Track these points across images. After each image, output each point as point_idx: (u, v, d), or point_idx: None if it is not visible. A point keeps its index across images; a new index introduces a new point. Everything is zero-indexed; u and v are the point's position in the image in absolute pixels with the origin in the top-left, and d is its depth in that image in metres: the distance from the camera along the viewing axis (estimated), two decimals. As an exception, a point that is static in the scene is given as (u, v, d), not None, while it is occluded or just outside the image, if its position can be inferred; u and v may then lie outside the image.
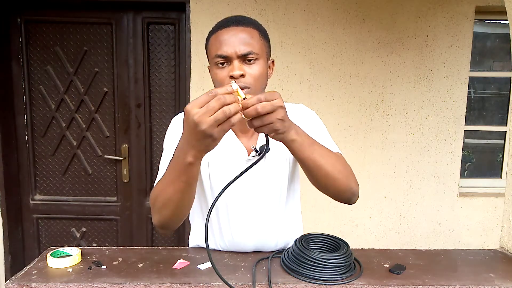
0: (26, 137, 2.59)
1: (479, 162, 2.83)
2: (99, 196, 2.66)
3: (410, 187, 2.55)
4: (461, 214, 2.58)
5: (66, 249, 1.04)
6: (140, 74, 2.52)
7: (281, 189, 1.11)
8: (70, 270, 0.96)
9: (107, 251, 1.09)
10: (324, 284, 0.90)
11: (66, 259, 0.99)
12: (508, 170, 1.24)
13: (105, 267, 0.98)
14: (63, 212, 2.64)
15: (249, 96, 0.74)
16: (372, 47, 2.41)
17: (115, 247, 1.11)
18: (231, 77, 0.93)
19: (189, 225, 1.21)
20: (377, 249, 1.13)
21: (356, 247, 1.10)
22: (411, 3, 2.38)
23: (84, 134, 2.59)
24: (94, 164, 2.63)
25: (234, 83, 0.73)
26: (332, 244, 1.01)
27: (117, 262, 1.01)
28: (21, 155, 2.60)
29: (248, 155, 1.06)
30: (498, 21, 2.64)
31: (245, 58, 0.95)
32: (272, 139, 0.82)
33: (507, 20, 1.40)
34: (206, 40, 1.03)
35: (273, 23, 2.36)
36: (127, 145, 2.59)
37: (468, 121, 2.59)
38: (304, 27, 2.38)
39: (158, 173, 1.02)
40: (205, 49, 1.04)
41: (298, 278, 0.92)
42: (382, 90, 2.45)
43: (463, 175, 2.68)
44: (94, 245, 2.69)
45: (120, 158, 2.60)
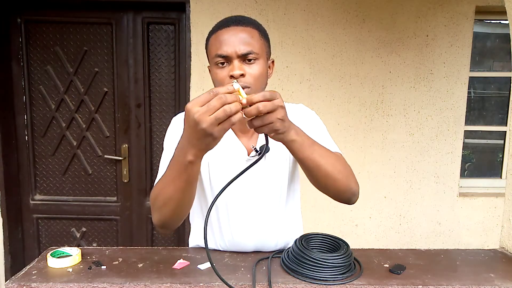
0: (26, 137, 2.59)
1: (479, 162, 2.83)
2: (99, 196, 2.66)
3: (410, 187, 2.55)
4: (461, 214, 2.58)
5: (66, 249, 1.04)
6: (140, 74, 2.52)
7: (281, 189, 1.11)
8: (70, 270, 0.96)
9: (107, 251, 1.09)
10: (324, 284, 0.90)
11: (66, 259, 0.99)
12: (508, 170, 1.24)
13: (105, 267, 0.98)
14: (63, 212, 2.64)
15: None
16: (372, 47, 2.41)
17: (115, 247, 1.11)
18: (231, 76, 0.93)
19: (189, 225, 1.22)
20: (377, 249, 1.13)
21: (356, 247, 1.10)
22: (411, 3, 2.38)
23: (84, 134, 2.59)
24: (94, 164, 2.63)
25: (236, 83, 0.73)
26: (332, 244, 1.01)
27: (117, 262, 1.01)
28: (21, 155, 2.60)
29: (248, 155, 1.06)
30: (498, 21, 2.64)
31: (245, 58, 0.95)
32: (272, 139, 0.83)
33: (507, 20, 1.40)
34: (206, 40, 1.03)
35: (273, 23, 2.36)
36: (127, 145, 2.59)
37: (468, 121, 2.59)
38: (304, 27, 2.38)
39: (158, 172, 1.02)
40: (205, 49, 1.04)
41: (298, 278, 0.92)
42: (382, 90, 2.45)
43: (463, 175, 2.68)
44: (94, 245, 2.69)
45: (120, 158, 2.60)
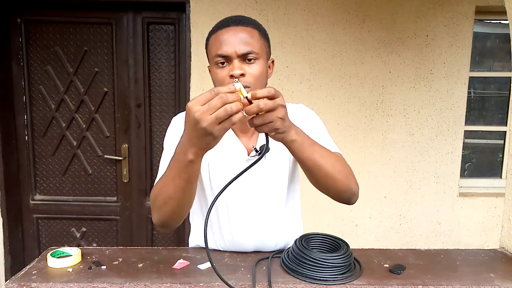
0: (26, 137, 2.59)
1: (479, 162, 2.83)
2: (99, 196, 2.66)
3: (410, 187, 2.55)
4: (461, 214, 2.58)
5: (66, 249, 1.04)
6: (140, 74, 2.52)
7: (281, 189, 1.11)
8: (70, 270, 0.96)
9: (107, 251, 1.09)
10: (324, 284, 0.90)
11: (66, 259, 0.99)
12: (508, 170, 1.24)
13: (105, 267, 0.98)
14: (63, 212, 2.64)
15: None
16: (372, 47, 2.41)
17: (115, 247, 1.11)
18: (231, 76, 0.93)
19: (189, 225, 1.22)
20: (377, 249, 1.13)
21: (356, 247, 1.10)
22: (411, 3, 2.38)
23: (84, 134, 2.59)
24: (94, 164, 2.63)
25: (238, 83, 0.73)
26: (332, 244, 1.01)
27: (117, 262, 1.01)
28: (21, 155, 2.60)
29: (248, 155, 1.06)
30: (498, 21, 2.64)
31: (245, 58, 0.95)
32: (272, 139, 0.83)
33: (507, 20, 1.40)
34: (206, 40, 1.03)
35: (273, 23, 2.36)
36: (127, 145, 2.59)
37: (468, 121, 2.59)
38: (304, 27, 2.38)
39: (158, 172, 1.02)
40: (205, 49, 1.04)
41: (298, 278, 0.92)
42: (382, 90, 2.45)
43: (463, 175, 2.68)
44: (94, 245, 2.69)
45: (120, 158, 2.60)
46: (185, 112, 0.75)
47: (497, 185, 2.66)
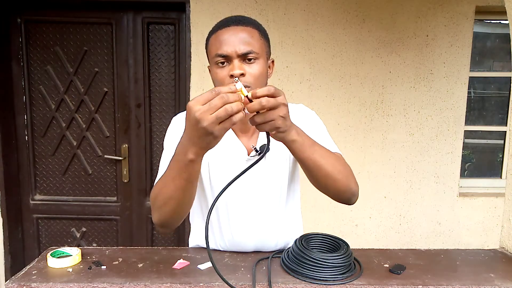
0: (26, 137, 2.59)
1: (479, 162, 2.83)
2: (99, 196, 2.66)
3: (410, 187, 2.55)
4: (461, 214, 2.58)
5: (66, 249, 1.04)
6: (140, 74, 2.52)
7: (281, 189, 1.11)
8: (70, 270, 0.96)
9: (107, 251, 1.09)
10: (324, 284, 0.90)
11: (66, 259, 0.99)
12: (508, 170, 1.24)
13: (105, 267, 0.98)
14: (63, 212, 2.64)
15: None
16: (372, 47, 2.41)
17: (115, 247, 1.11)
18: (231, 76, 0.93)
19: (189, 225, 1.21)
20: (377, 249, 1.13)
21: (356, 247, 1.10)
22: (411, 3, 2.38)
23: (84, 134, 2.59)
24: (94, 164, 2.63)
25: (239, 82, 0.73)
26: (332, 244, 1.01)
27: (117, 262, 1.01)
28: (21, 155, 2.60)
29: (248, 154, 1.06)
30: (498, 21, 2.64)
31: (245, 58, 0.95)
32: (273, 138, 0.82)
33: (507, 20, 1.40)
34: (206, 40, 1.03)
35: (273, 23, 2.36)
36: (127, 145, 2.59)
37: (468, 121, 2.59)
38: (304, 27, 2.38)
39: (159, 172, 1.02)
40: (205, 49, 1.04)
41: (298, 278, 0.92)
42: (382, 90, 2.45)
43: (463, 175, 2.68)
44: (94, 245, 2.69)
45: (120, 158, 2.60)
46: (185, 112, 0.75)
47: (497, 185, 2.66)
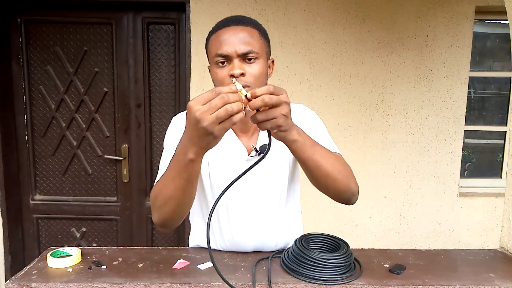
0: (26, 137, 2.59)
1: (479, 162, 2.83)
2: (99, 196, 2.66)
3: (410, 187, 2.55)
4: (461, 214, 2.58)
5: (66, 249, 1.04)
6: (140, 74, 2.52)
7: (281, 189, 1.11)
8: (70, 270, 0.96)
9: (107, 251, 1.09)
10: (324, 284, 0.90)
11: (66, 259, 0.99)
12: (508, 170, 1.24)
13: (105, 267, 0.98)
14: (63, 212, 2.64)
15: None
16: (372, 47, 2.41)
17: (115, 247, 1.11)
18: (231, 76, 0.93)
19: (189, 225, 1.21)
20: (377, 249, 1.13)
21: (356, 247, 1.10)
22: (411, 3, 2.38)
23: (84, 134, 2.59)
24: (94, 164, 2.63)
25: (238, 83, 0.74)
26: (332, 244, 1.01)
27: (117, 262, 1.01)
28: (21, 155, 2.60)
29: (248, 154, 1.06)
30: (498, 21, 2.64)
31: (245, 57, 0.95)
32: (274, 138, 0.82)
33: (507, 20, 1.40)
34: (206, 40, 1.03)
35: (273, 23, 2.36)
36: (127, 145, 2.59)
37: (468, 121, 2.59)
38: (304, 27, 2.38)
39: (159, 172, 1.02)
40: (205, 49, 1.04)
41: (298, 278, 0.92)
42: (382, 90, 2.45)
43: (463, 175, 2.68)
44: (94, 245, 2.69)
45: (120, 158, 2.60)
46: (185, 111, 0.75)
47: (497, 185, 2.66)
